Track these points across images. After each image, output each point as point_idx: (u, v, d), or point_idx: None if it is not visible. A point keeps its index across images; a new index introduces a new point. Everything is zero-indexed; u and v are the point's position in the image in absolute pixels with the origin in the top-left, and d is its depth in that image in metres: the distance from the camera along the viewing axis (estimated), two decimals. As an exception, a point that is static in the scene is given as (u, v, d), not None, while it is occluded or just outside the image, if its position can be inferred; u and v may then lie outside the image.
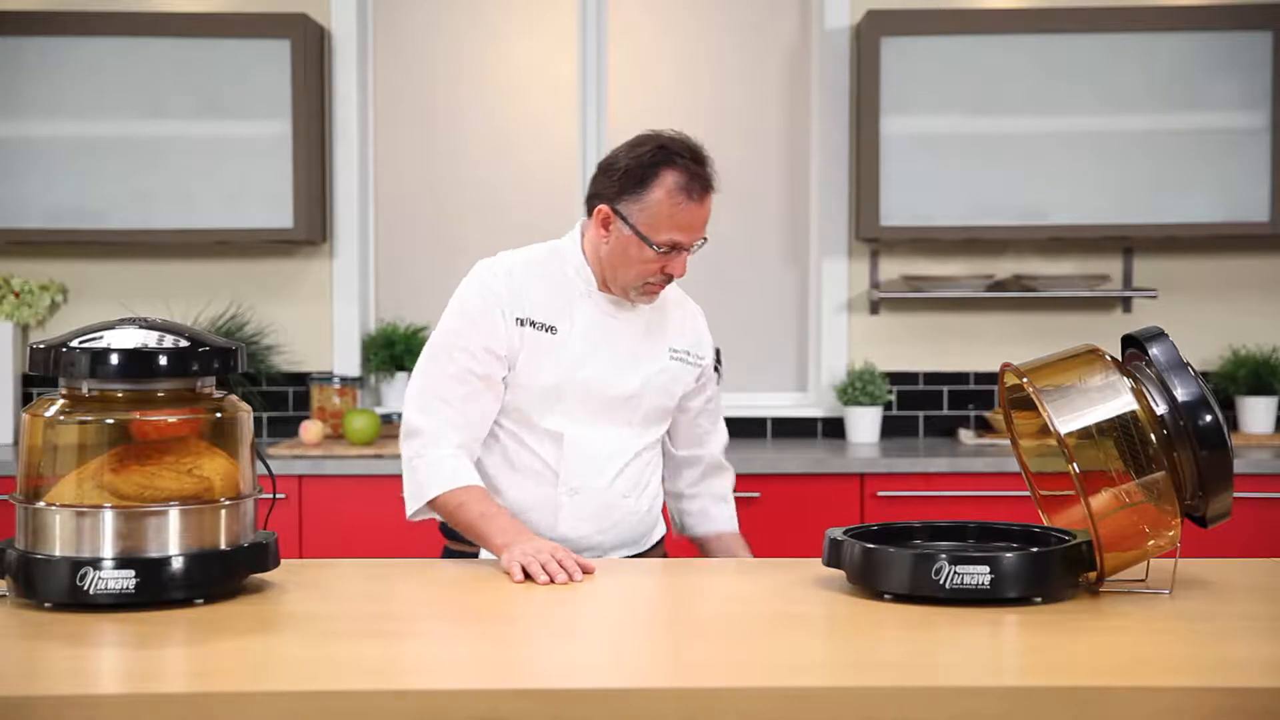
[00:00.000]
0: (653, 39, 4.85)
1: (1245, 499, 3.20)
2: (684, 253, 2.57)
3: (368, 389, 4.79)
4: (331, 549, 4.03)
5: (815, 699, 1.67)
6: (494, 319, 2.58)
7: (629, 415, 2.66)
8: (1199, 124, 4.41)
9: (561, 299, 2.62)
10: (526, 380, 2.60)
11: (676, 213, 2.53)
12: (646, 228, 2.53)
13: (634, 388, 2.64)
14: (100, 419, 2.09)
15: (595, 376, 2.62)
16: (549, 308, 2.61)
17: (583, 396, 2.62)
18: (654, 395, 2.68)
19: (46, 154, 4.45)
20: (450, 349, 2.59)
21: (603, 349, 2.63)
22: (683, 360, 2.72)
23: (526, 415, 2.62)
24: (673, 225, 2.53)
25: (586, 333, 2.62)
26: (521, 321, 2.59)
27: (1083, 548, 2.12)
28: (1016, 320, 4.73)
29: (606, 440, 2.63)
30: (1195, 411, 2.08)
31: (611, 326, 2.65)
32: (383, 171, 4.83)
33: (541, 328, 2.60)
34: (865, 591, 2.14)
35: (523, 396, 2.61)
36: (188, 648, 1.90)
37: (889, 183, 4.44)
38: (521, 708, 1.65)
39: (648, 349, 2.68)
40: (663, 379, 2.68)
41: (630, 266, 2.57)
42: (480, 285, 2.61)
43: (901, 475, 4.15)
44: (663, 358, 2.69)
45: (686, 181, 2.53)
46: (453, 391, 2.57)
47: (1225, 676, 1.73)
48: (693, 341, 2.75)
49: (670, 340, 2.71)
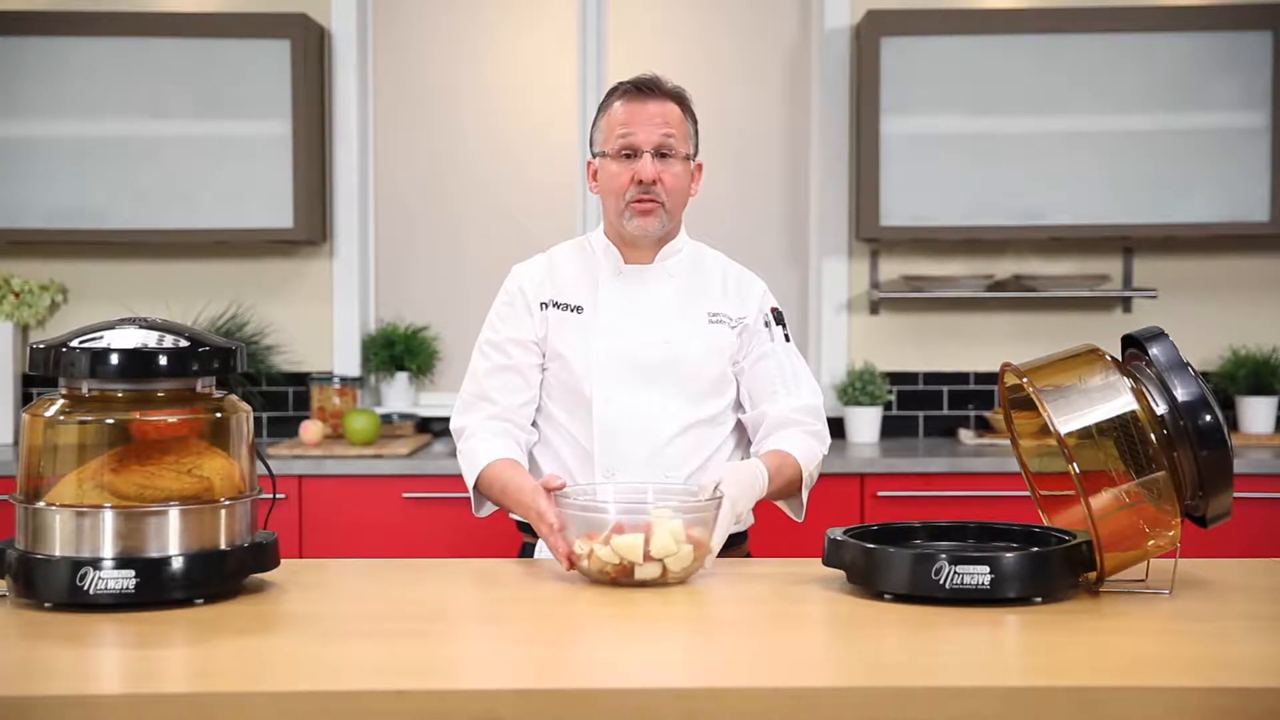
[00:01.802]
0: (653, 39, 4.85)
1: (1245, 499, 3.19)
2: (645, 154, 2.59)
3: (368, 389, 4.79)
4: (331, 549, 4.03)
5: (815, 699, 1.66)
6: (518, 310, 2.68)
7: (673, 385, 2.64)
8: (1199, 124, 4.42)
9: (589, 279, 2.70)
10: (557, 361, 2.65)
11: (621, 116, 2.61)
12: (603, 143, 2.64)
13: (670, 354, 2.64)
14: (100, 419, 2.09)
15: (625, 345, 2.63)
16: (577, 290, 2.69)
17: (616, 368, 2.63)
18: (697, 361, 2.65)
19: (46, 154, 4.45)
20: (484, 348, 2.71)
21: (631, 318, 2.66)
22: (723, 322, 2.69)
23: (565, 399, 2.65)
24: (620, 125, 2.61)
25: (611, 306, 2.66)
26: (545, 305, 2.68)
27: (1083, 548, 2.12)
28: (1016, 320, 4.73)
29: (645, 412, 2.61)
30: (1195, 411, 2.08)
31: (641, 295, 2.68)
32: (383, 171, 4.83)
33: (568, 308, 2.67)
34: (865, 591, 2.14)
35: (558, 378, 2.66)
36: (188, 648, 1.90)
37: (889, 183, 4.44)
38: (521, 708, 1.65)
39: (684, 314, 2.68)
40: (703, 343, 2.66)
41: (608, 192, 2.64)
42: (507, 284, 2.74)
43: (901, 475, 4.15)
44: (701, 322, 2.68)
45: (628, 89, 2.63)
46: (488, 386, 2.67)
47: (1225, 676, 1.73)
48: (734, 304, 2.72)
49: (710, 304, 2.70)
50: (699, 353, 2.66)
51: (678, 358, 2.64)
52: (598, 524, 2.22)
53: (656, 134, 2.59)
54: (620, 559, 2.19)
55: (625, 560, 2.19)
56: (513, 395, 2.66)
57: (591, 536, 2.21)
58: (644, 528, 2.19)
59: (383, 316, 4.84)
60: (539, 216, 4.83)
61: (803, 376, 2.72)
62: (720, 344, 2.68)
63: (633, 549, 2.18)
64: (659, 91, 2.62)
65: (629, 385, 2.63)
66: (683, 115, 2.64)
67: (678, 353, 2.65)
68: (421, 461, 4.15)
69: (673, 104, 2.63)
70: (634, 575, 2.19)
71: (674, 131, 2.61)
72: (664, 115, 2.61)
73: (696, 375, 2.65)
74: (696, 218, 4.64)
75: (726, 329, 2.69)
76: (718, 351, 2.68)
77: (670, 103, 2.62)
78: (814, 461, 2.66)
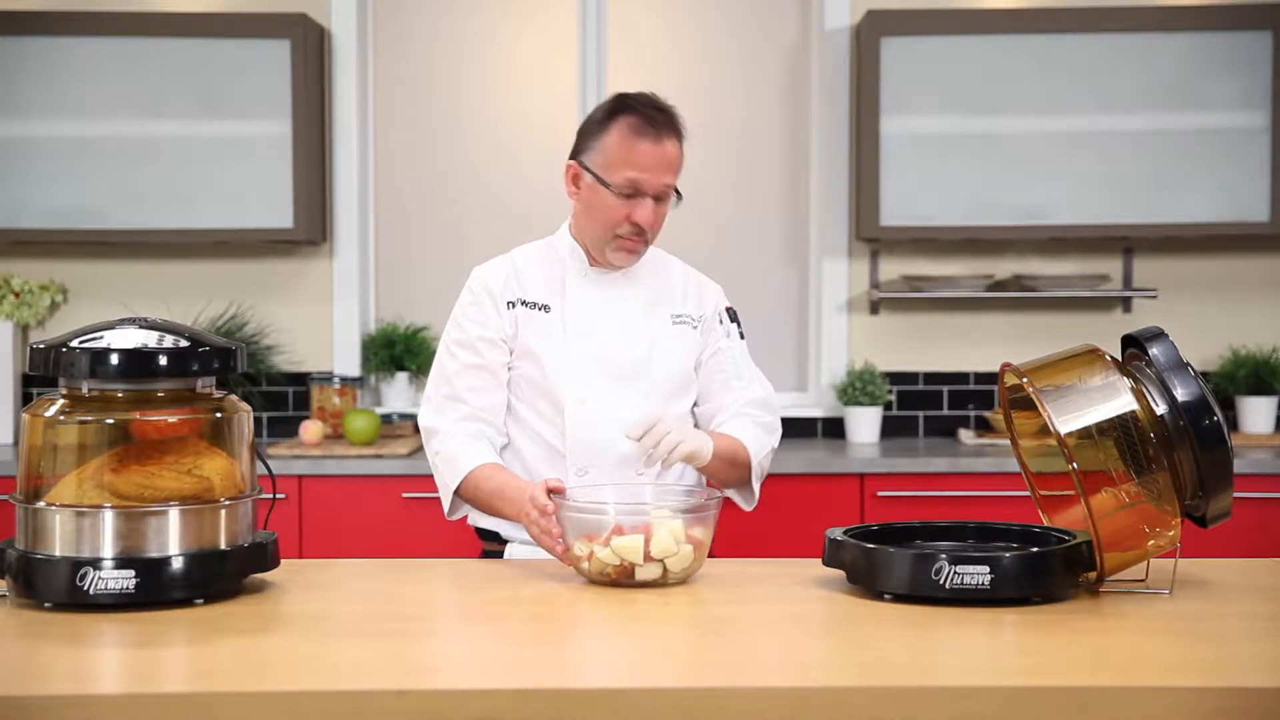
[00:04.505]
0: (653, 39, 4.85)
1: (1245, 499, 3.20)
2: (647, 198, 2.57)
3: (368, 389, 4.79)
4: (331, 549, 4.03)
5: (815, 699, 1.66)
6: (485, 309, 2.66)
7: (643, 386, 2.66)
8: (1199, 124, 4.42)
9: (555, 279, 2.69)
10: (527, 360, 2.65)
11: (631, 151, 2.56)
12: (603, 168, 2.59)
13: (640, 356, 2.66)
14: (100, 419, 2.09)
15: (597, 348, 2.65)
16: (543, 288, 2.68)
17: (588, 370, 2.64)
18: (665, 361, 2.68)
19: (46, 154, 4.45)
20: (449, 347, 2.69)
21: (600, 321, 2.66)
22: (686, 323, 2.73)
23: (533, 399, 2.65)
24: (627, 163, 2.57)
25: (581, 307, 2.66)
26: (513, 304, 2.67)
27: (1083, 548, 2.12)
28: (1016, 320, 4.73)
29: (617, 413, 2.61)
30: (1195, 412, 2.08)
31: (608, 298, 2.68)
32: (383, 171, 4.83)
33: (535, 307, 2.67)
34: (865, 591, 2.14)
35: (526, 377, 2.65)
36: (188, 648, 1.90)
37: (889, 183, 4.44)
38: (521, 708, 1.65)
39: (650, 316, 2.70)
40: (669, 344, 2.69)
41: (596, 217, 2.62)
42: (471, 284, 2.72)
43: (901, 475, 4.15)
44: (665, 324, 2.70)
45: (641, 121, 2.58)
46: (458, 385, 2.65)
47: (1225, 676, 1.73)
48: (694, 305, 2.75)
49: (673, 307, 2.73)
50: (667, 354, 2.69)
51: (647, 359, 2.67)
52: (597, 525, 2.22)
53: (663, 181, 2.58)
54: (620, 560, 2.19)
55: (625, 561, 2.19)
56: (485, 395, 2.65)
57: (591, 538, 2.22)
58: (644, 529, 2.20)
59: (383, 316, 4.84)
60: (539, 216, 4.81)
61: (755, 372, 2.78)
62: (685, 344, 2.72)
63: (633, 550, 2.18)
64: (670, 129, 2.59)
65: (600, 386, 2.64)
66: (682, 152, 2.63)
67: (647, 354, 2.67)
68: (421, 461, 4.15)
69: (677, 141, 2.61)
70: (634, 576, 2.20)
71: (674, 174, 2.61)
72: (672, 159, 2.59)
73: (666, 376, 2.69)
74: (696, 218, 4.66)
75: (689, 329, 2.73)
76: (683, 352, 2.71)
77: (676, 140, 2.61)
78: (763, 451, 2.69)
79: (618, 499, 2.36)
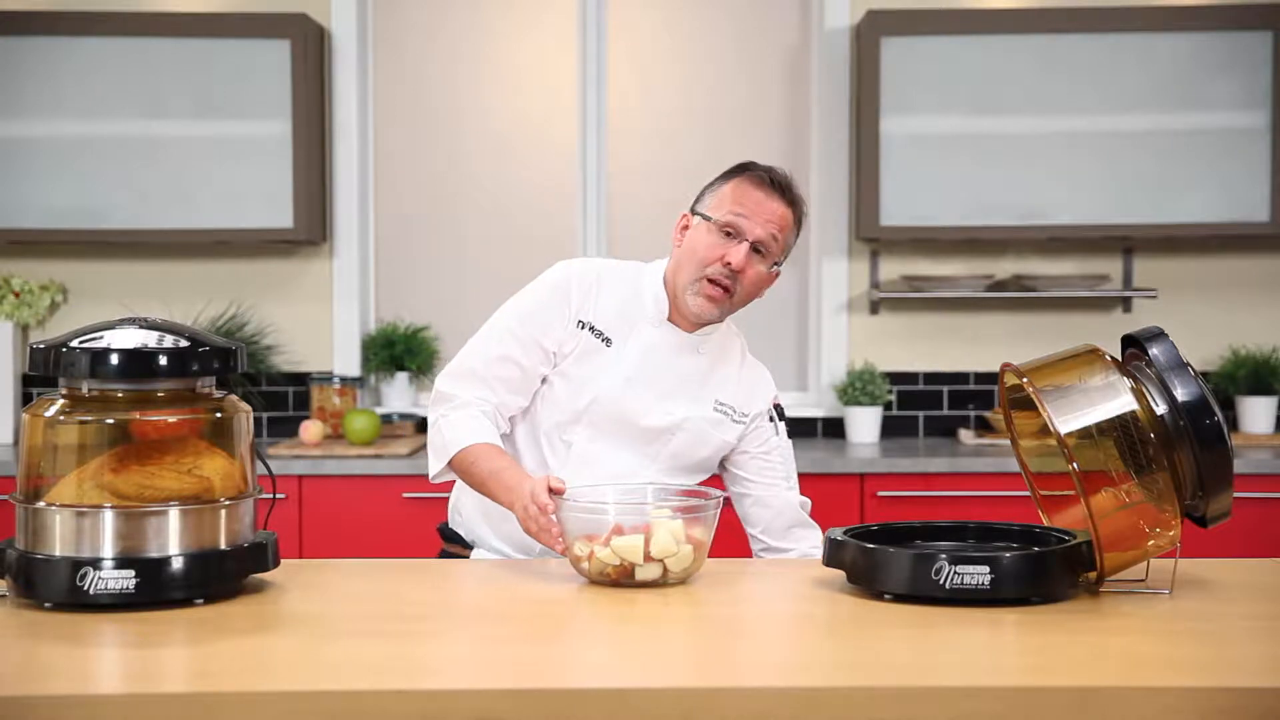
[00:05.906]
0: (653, 39, 4.85)
1: (1245, 499, 3.20)
2: (745, 243, 2.56)
3: (368, 389, 4.79)
4: (331, 549, 4.03)
5: (816, 699, 1.66)
6: (555, 315, 2.61)
7: (654, 449, 2.64)
8: (1199, 124, 4.42)
9: (629, 317, 2.64)
10: (566, 383, 2.61)
11: (742, 195, 2.58)
12: (711, 208, 2.60)
13: (666, 424, 2.63)
14: (100, 419, 2.09)
15: (633, 401, 2.61)
16: (615, 322, 2.63)
17: (613, 417, 2.60)
18: (688, 439, 2.65)
19: (46, 154, 4.45)
20: (503, 332, 2.62)
21: (650, 376, 2.62)
22: (727, 415, 2.68)
23: (551, 420, 2.62)
24: (734, 203, 2.57)
25: (641, 355, 2.62)
26: (583, 325, 2.61)
27: (1083, 548, 2.12)
28: (1016, 320, 4.73)
29: (620, 467, 2.60)
30: (1195, 411, 2.08)
31: (669, 360, 2.64)
32: (383, 171, 4.83)
33: (599, 335, 2.62)
34: (865, 591, 2.14)
35: (556, 398, 2.61)
36: (188, 648, 1.90)
37: (889, 183, 4.45)
38: (520, 708, 1.65)
39: (695, 393, 2.66)
40: (700, 427, 2.65)
41: (692, 256, 2.59)
42: (555, 279, 2.64)
43: (901, 475, 4.15)
44: (707, 406, 2.66)
45: (759, 177, 2.60)
46: (490, 371, 2.60)
47: (1225, 676, 1.73)
48: (744, 400, 2.70)
49: (722, 394, 2.68)
50: (692, 436, 2.65)
51: (671, 433, 2.64)
52: (597, 525, 2.22)
53: (765, 229, 2.57)
54: (620, 560, 2.19)
55: (625, 561, 2.19)
56: (510, 393, 2.61)
57: (591, 538, 2.21)
58: (644, 529, 2.20)
59: (383, 316, 4.84)
60: (539, 216, 4.83)
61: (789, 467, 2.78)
62: (717, 435, 2.68)
63: (633, 550, 2.18)
64: (788, 194, 2.61)
65: (616, 437, 2.62)
66: (794, 225, 2.63)
67: (674, 428, 2.64)
68: (421, 461, 4.14)
69: (791, 211, 2.62)
70: (634, 576, 2.20)
71: (779, 236, 2.60)
72: (781, 219, 2.60)
73: (682, 454, 2.66)
74: (696, 218, 4.65)
75: (729, 421, 2.69)
76: (710, 441, 2.67)
77: (790, 210, 2.61)
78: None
79: (618, 499, 2.36)
